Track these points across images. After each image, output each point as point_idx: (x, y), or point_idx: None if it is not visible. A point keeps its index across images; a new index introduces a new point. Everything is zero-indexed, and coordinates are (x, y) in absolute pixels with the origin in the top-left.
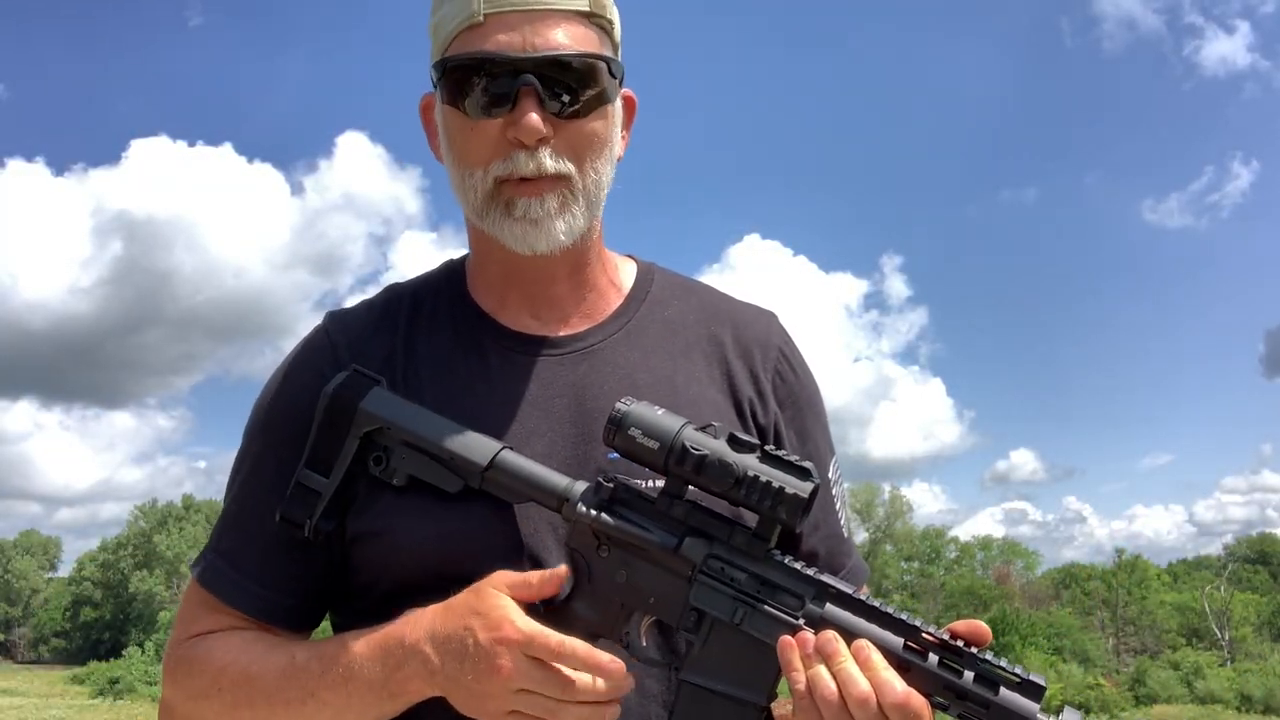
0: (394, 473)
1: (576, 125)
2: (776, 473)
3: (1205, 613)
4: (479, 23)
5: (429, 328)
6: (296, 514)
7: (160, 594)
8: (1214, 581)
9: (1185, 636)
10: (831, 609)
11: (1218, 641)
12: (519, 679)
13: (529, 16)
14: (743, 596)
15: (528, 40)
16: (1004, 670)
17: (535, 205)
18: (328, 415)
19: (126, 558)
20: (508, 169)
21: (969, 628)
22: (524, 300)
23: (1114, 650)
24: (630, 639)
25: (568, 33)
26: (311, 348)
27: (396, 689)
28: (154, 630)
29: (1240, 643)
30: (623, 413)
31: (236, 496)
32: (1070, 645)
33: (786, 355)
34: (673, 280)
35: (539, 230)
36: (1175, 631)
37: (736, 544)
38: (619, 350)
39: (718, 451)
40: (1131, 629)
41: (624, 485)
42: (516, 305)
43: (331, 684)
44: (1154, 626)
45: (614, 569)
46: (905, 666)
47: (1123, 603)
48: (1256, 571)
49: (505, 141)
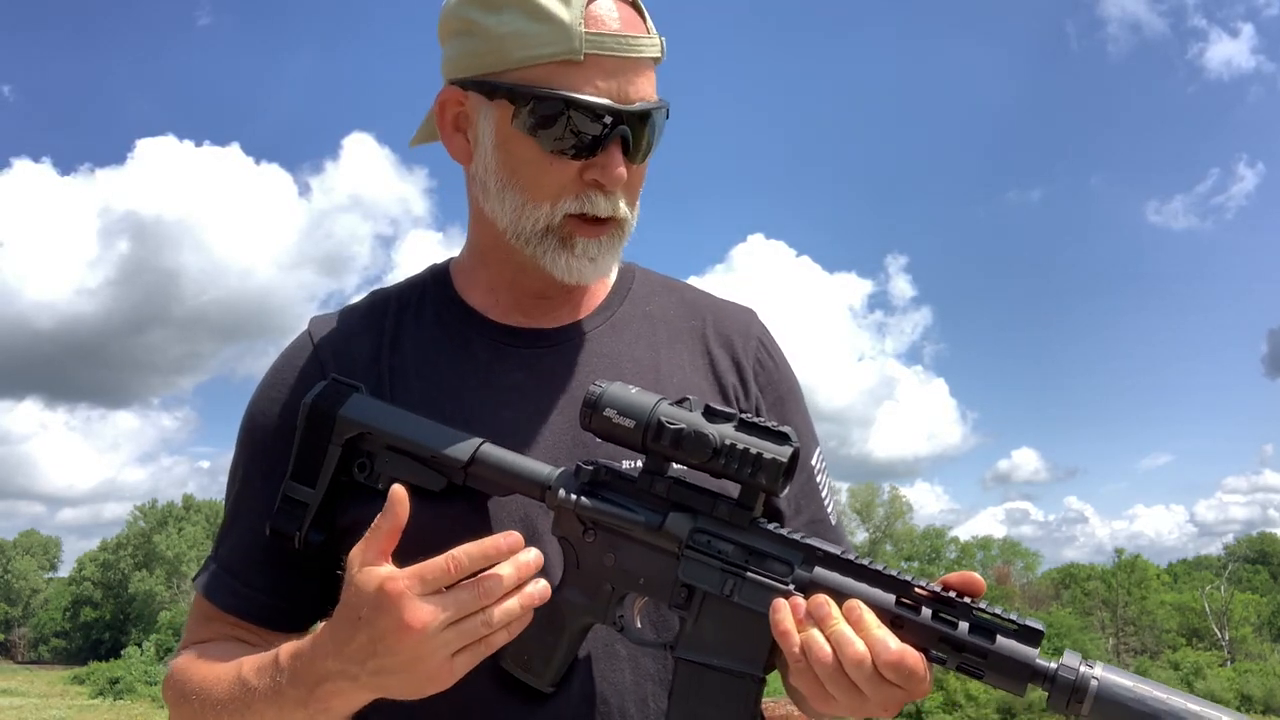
0: (379, 477)
1: (638, 170)
2: (754, 439)
3: (1205, 613)
4: (579, 61)
5: (415, 325)
6: (286, 527)
7: (160, 594)
8: (1214, 581)
9: (1185, 636)
10: (821, 572)
11: (1218, 641)
12: (433, 618)
13: (625, 65)
14: (731, 567)
15: (623, 89)
16: (1000, 618)
17: (594, 246)
18: (308, 425)
19: (126, 558)
20: (581, 207)
21: (962, 579)
22: (515, 300)
23: (1114, 650)
24: (625, 622)
25: (649, 82)
26: (296, 353)
27: (318, 709)
28: (154, 630)
29: (1240, 643)
30: (597, 394)
31: (231, 504)
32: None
33: (765, 345)
34: (653, 278)
35: (594, 267)
36: (1175, 631)
37: (720, 515)
38: (605, 340)
39: (694, 424)
40: (1131, 629)
41: (604, 467)
42: (507, 304)
43: (265, 698)
44: (1154, 627)
45: (601, 553)
46: (899, 623)
47: (1123, 603)
48: (1257, 571)
49: (582, 182)
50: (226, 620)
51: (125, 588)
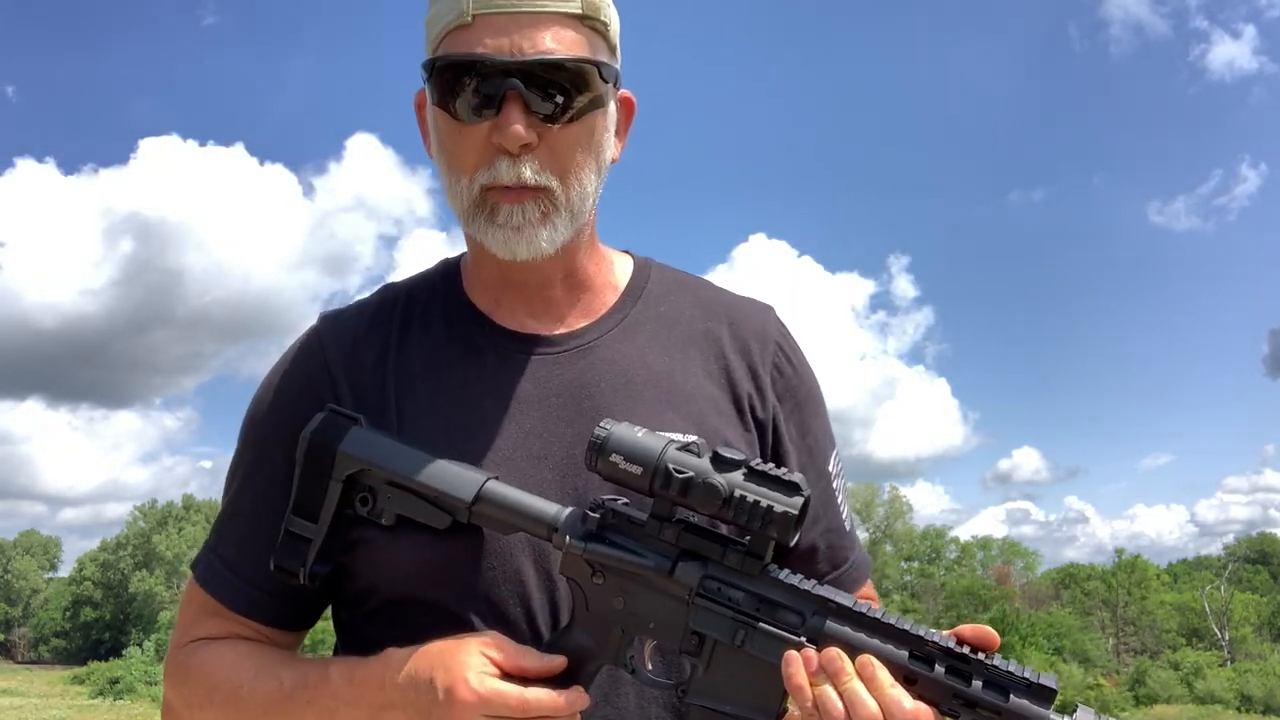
0: (381, 513)
1: (563, 133)
2: (764, 490)
3: (1205, 613)
4: (467, 23)
5: (423, 326)
6: (290, 562)
7: (160, 594)
8: (1214, 581)
9: (1185, 636)
10: (833, 625)
11: (1218, 641)
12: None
13: (518, 19)
14: (742, 617)
15: (515, 43)
16: (1013, 675)
17: (517, 213)
18: (308, 460)
19: (126, 558)
20: (491, 177)
21: (975, 633)
22: (519, 301)
23: (1114, 650)
24: (635, 664)
25: (557, 36)
26: (303, 353)
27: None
28: (154, 630)
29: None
30: (603, 437)
31: (234, 499)
32: (1070, 645)
33: (784, 349)
34: (669, 275)
35: (521, 237)
36: (1175, 631)
37: (731, 563)
38: (615, 347)
39: (703, 472)
40: (1131, 629)
41: (611, 510)
42: (512, 305)
43: (316, 716)
44: (1154, 626)
45: (611, 595)
46: (912, 678)
47: (1122, 603)
48: (1257, 571)
49: (490, 147)
50: (233, 619)
51: (125, 588)
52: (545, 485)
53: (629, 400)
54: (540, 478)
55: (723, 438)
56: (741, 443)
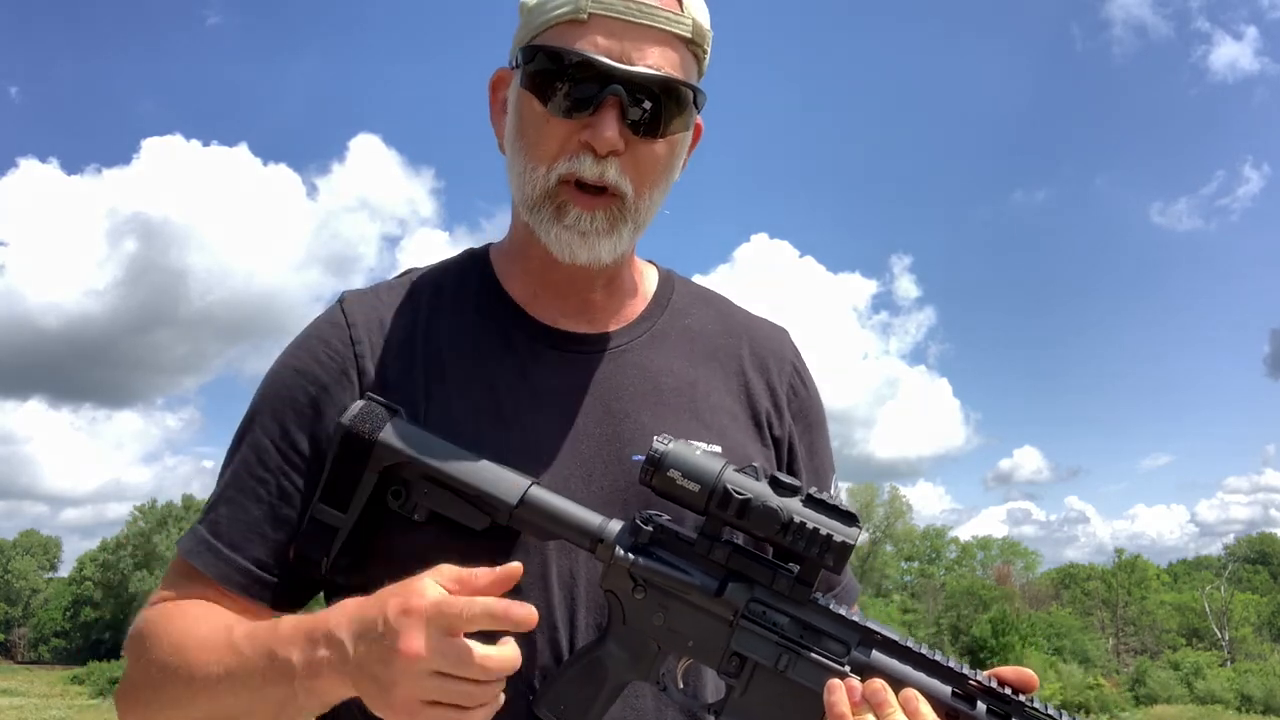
0: (415, 508)
1: (648, 146)
2: (823, 519)
3: (1205, 613)
4: (582, 20)
5: (453, 310)
6: (313, 551)
7: None
8: (1214, 582)
9: (1185, 636)
10: (878, 656)
11: (1218, 641)
12: (428, 659)
13: (632, 28)
14: (786, 642)
15: (625, 51)
16: (1051, 718)
17: (586, 219)
18: (343, 448)
19: (126, 558)
20: (571, 169)
21: (1016, 674)
22: (557, 297)
23: (1114, 650)
24: (667, 681)
25: (665, 54)
26: (327, 327)
27: (309, 674)
28: None
29: (1240, 643)
30: (661, 453)
31: (234, 469)
32: (1070, 645)
33: (799, 370)
34: (691, 289)
35: (584, 243)
36: (1175, 632)
37: (779, 589)
38: (644, 353)
39: (762, 496)
40: (1131, 629)
41: (660, 526)
42: (549, 300)
43: (250, 665)
44: (1154, 626)
45: (651, 611)
46: (954, 715)
47: (1122, 603)
48: (1257, 571)
49: (576, 143)
50: (212, 586)
51: (125, 588)
52: (571, 482)
53: (656, 406)
54: (566, 474)
55: (744, 451)
56: (761, 458)
